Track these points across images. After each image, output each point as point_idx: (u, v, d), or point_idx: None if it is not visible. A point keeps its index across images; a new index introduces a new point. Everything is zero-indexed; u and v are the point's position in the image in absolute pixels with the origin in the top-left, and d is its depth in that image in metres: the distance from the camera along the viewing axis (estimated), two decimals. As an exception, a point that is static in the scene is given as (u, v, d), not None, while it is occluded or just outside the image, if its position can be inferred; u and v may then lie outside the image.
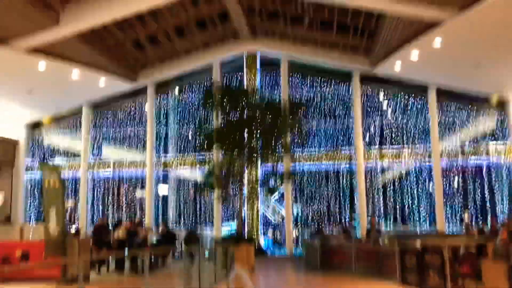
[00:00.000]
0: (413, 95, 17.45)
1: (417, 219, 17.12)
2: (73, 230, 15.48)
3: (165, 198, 18.67)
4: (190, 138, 18.51)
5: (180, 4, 13.65)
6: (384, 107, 17.78)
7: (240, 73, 18.25)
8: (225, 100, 13.86)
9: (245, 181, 14.40)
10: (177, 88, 18.84)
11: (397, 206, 17.35)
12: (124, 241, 12.66)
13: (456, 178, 17.16)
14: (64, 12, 12.37)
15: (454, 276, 8.25)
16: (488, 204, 16.77)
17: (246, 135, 13.71)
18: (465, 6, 10.64)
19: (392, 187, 17.47)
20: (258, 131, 13.76)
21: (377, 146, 17.53)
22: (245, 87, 17.03)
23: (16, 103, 16.68)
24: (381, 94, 17.81)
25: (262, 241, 17.40)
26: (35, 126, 19.23)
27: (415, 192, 17.26)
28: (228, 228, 17.54)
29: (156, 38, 15.70)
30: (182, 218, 18.38)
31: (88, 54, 14.59)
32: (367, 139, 17.59)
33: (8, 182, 18.54)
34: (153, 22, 14.33)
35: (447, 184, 17.04)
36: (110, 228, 14.47)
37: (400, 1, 11.32)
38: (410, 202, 17.26)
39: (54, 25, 12.35)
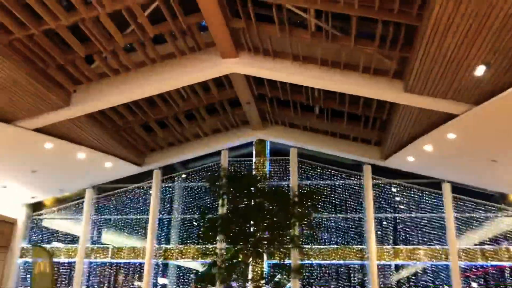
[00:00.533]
0: (427, 190, 16.84)
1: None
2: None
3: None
4: (193, 226, 17.78)
5: (191, 89, 13.71)
6: (397, 201, 17.13)
7: (249, 159, 17.97)
8: (231, 186, 13.50)
9: (249, 275, 13.44)
10: (183, 175, 18.47)
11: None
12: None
13: (477, 279, 15.98)
14: (76, 93, 12.41)
15: None
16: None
17: (252, 223, 13.12)
18: (481, 101, 10.41)
19: (407, 286, 16.27)
20: (265, 220, 13.18)
21: (390, 243, 16.59)
22: (253, 173, 16.64)
23: (19, 182, 16.29)
24: (394, 188, 17.24)
25: None
26: (36, 206, 18.70)
27: (433, 292, 16.02)
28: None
29: (166, 122, 15.64)
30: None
31: (96, 136, 14.44)
32: (380, 233, 16.71)
33: (1, 266, 17.63)
34: (164, 105, 14.31)
35: (467, 285, 15.81)
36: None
37: (413, 93, 11.17)
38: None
39: (65, 106, 12.33)
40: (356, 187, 17.34)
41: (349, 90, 12.40)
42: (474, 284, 15.96)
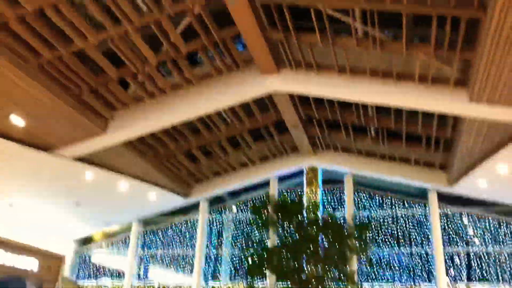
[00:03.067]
0: (505, 218, 14.73)
1: None
2: None
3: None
4: (243, 261, 16.63)
5: (233, 113, 12.93)
6: (470, 233, 15.08)
7: (300, 189, 16.74)
8: (279, 217, 12.53)
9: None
10: (233, 206, 17.53)
11: None
12: None
13: None
14: (113, 119, 11.99)
15: None
16: None
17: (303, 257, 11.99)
18: None
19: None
20: (318, 254, 11.99)
21: (464, 281, 14.51)
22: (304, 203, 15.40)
23: (65, 217, 16.11)
24: (465, 218, 15.25)
25: None
26: (85, 242, 18.44)
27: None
28: None
29: (209, 150, 14.91)
30: None
31: (138, 165, 13.99)
32: (451, 272, 14.66)
33: (49, 302, 17.28)
34: (206, 132, 13.62)
35: None
36: None
37: (480, 103, 9.63)
38: None
39: (102, 133, 11.92)
40: (421, 218, 15.52)
41: (404, 103, 10.97)
42: None
